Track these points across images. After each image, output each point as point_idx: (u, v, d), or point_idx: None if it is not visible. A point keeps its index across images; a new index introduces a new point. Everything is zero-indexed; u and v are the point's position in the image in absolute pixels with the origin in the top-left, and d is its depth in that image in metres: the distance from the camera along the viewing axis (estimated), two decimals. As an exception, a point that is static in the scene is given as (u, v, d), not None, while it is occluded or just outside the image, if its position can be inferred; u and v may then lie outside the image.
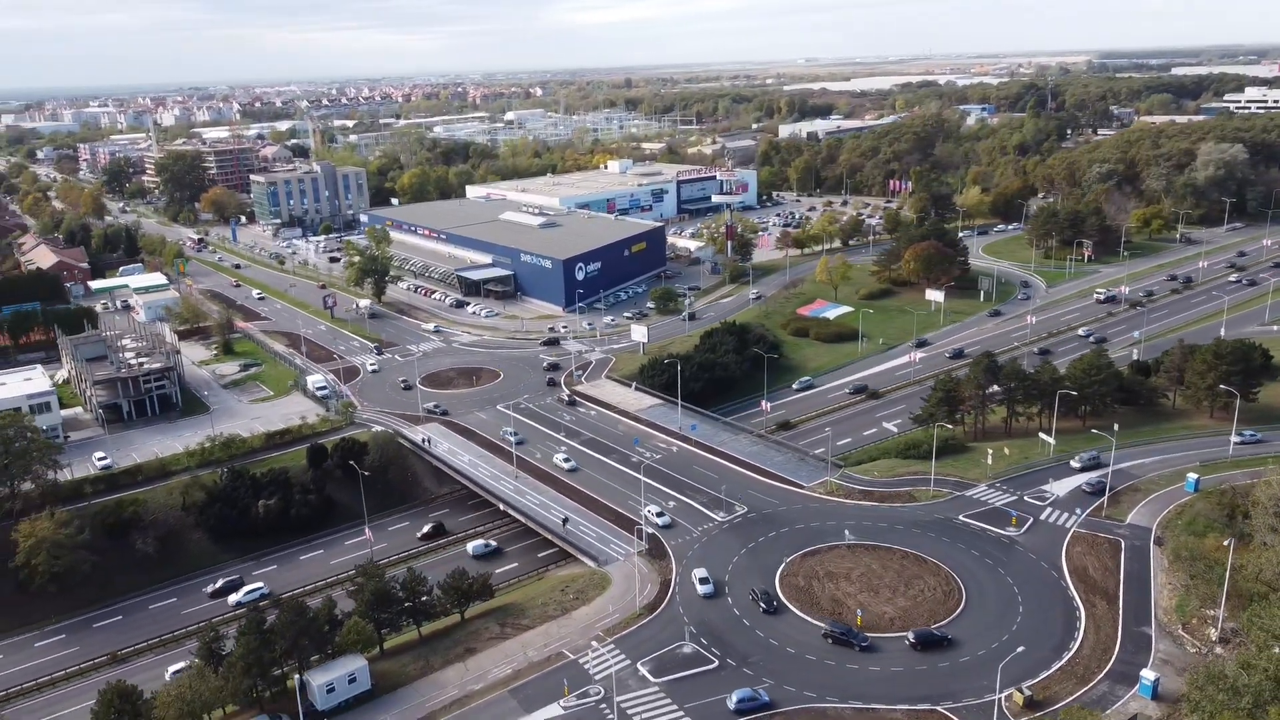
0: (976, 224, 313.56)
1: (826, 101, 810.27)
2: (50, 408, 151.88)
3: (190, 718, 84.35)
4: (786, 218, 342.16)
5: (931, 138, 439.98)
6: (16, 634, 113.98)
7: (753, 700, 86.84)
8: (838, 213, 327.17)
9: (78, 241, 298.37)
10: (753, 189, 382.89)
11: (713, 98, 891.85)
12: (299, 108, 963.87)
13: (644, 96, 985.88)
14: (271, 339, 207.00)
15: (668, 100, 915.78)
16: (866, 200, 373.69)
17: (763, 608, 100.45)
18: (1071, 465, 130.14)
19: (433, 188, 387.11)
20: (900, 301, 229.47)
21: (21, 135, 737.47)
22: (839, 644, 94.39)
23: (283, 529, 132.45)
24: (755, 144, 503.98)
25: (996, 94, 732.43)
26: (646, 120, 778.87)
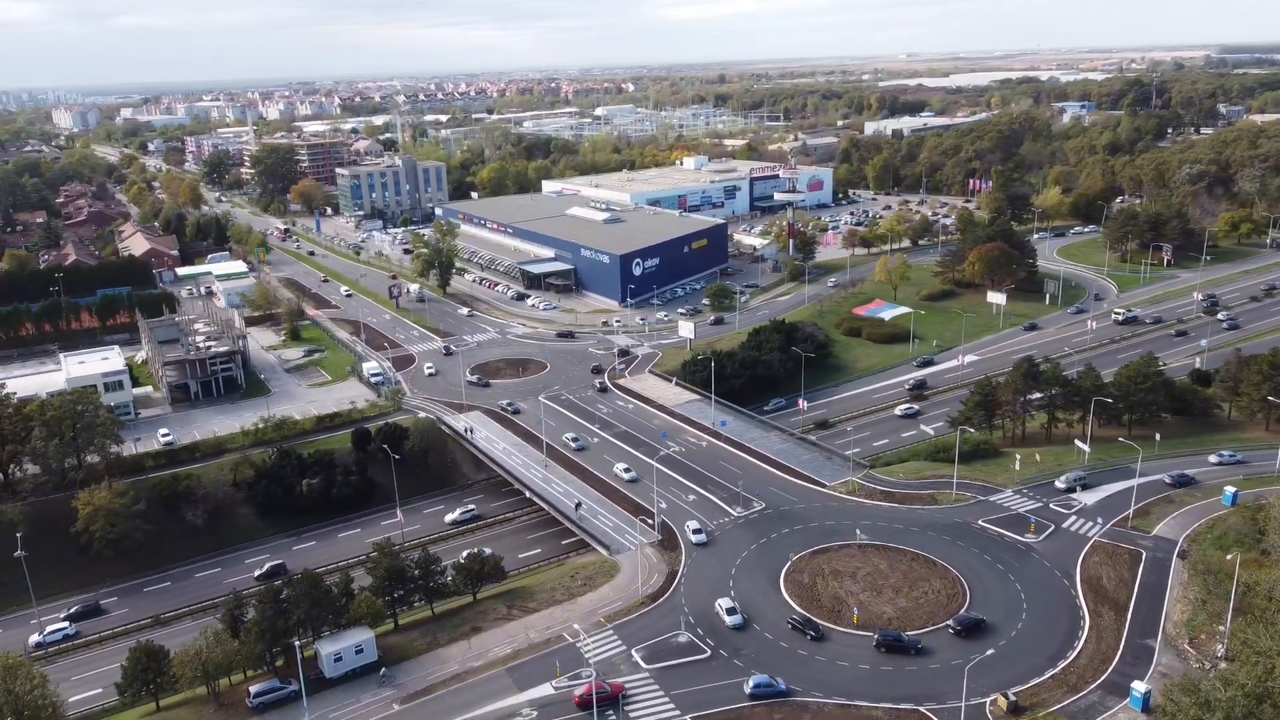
0: (1054, 225, 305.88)
1: (919, 98, 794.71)
2: (123, 386, 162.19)
3: (206, 678, 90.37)
4: (860, 216, 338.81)
5: (1018, 136, 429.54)
6: (76, 594, 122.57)
7: (769, 686, 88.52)
8: (909, 212, 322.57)
9: (173, 230, 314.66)
10: (828, 187, 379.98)
11: (802, 94, 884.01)
12: (395, 102, 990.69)
13: (733, 92, 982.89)
14: (337, 326, 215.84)
15: (757, 96, 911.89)
16: (945, 200, 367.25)
17: (810, 636, 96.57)
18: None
19: (511, 182, 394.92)
20: (962, 303, 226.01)
21: (137, 128, 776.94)
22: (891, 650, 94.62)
23: (324, 507, 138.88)
24: (837, 141, 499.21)
25: (1098, 90, 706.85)
26: (733, 116, 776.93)
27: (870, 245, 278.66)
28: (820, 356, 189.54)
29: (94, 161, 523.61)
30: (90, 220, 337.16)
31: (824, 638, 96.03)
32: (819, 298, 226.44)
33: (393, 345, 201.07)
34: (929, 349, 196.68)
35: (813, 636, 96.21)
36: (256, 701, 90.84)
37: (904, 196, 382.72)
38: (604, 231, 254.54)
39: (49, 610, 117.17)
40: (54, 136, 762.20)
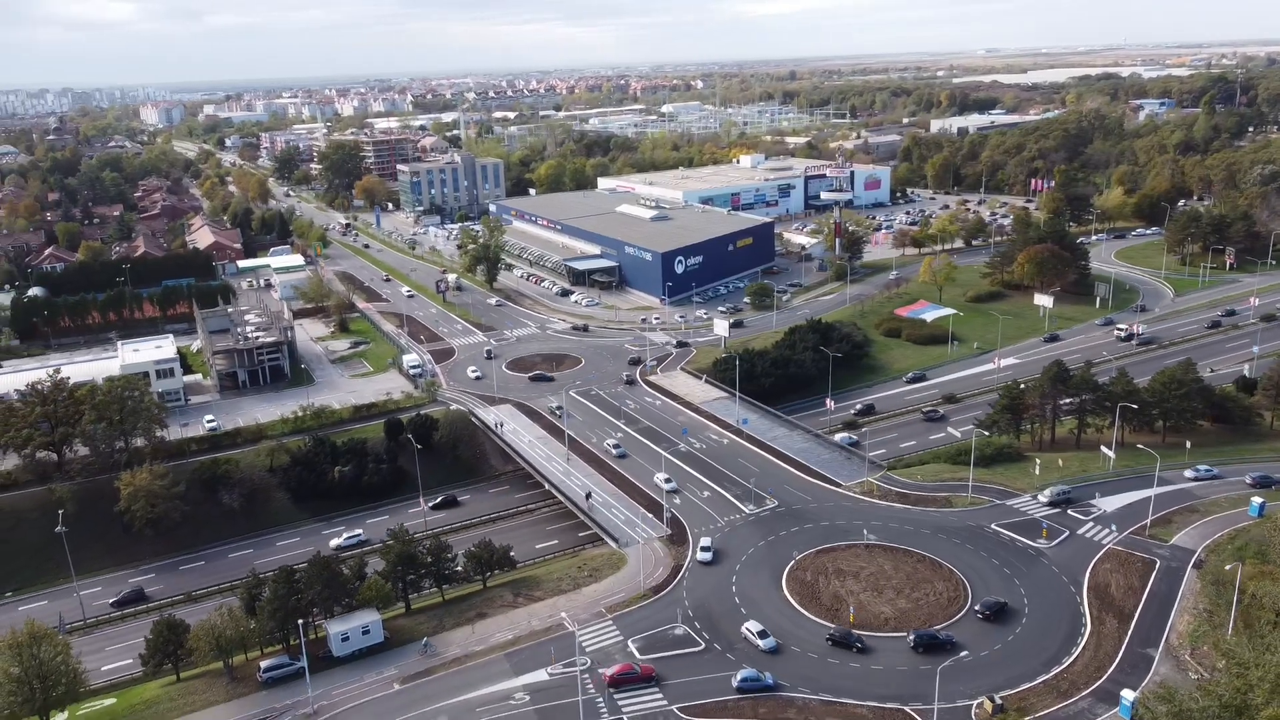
0: (1115, 227, 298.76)
1: (991, 95, 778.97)
2: (173, 373, 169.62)
3: (219, 652, 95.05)
4: (916, 215, 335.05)
5: (1086, 134, 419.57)
6: (118, 570, 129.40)
7: (756, 681, 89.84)
8: (964, 211, 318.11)
9: (240, 224, 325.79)
10: (885, 186, 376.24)
11: (871, 91, 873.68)
12: (466, 99, 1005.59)
13: (802, 89, 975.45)
14: (385, 319, 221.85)
15: (825, 93, 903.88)
16: (1005, 200, 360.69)
17: (858, 648, 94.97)
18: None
19: (569, 179, 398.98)
20: (1009, 305, 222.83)
21: (216, 124, 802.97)
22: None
23: (355, 494, 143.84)
24: (900, 140, 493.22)
25: (1180, 87, 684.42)
26: (798, 114, 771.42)
27: (921, 245, 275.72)
28: (856, 357, 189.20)
29: (173, 157, 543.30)
30: (163, 214, 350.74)
31: (868, 649, 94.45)
32: (862, 298, 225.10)
33: (435, 338, 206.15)
34: (969, 351, 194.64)
35: (859, 648, 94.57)
36: (266, 676, 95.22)
37: (963, 196, 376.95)
38: (650, 229, 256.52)
39: (87, 585, 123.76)
40: (139, 132, 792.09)
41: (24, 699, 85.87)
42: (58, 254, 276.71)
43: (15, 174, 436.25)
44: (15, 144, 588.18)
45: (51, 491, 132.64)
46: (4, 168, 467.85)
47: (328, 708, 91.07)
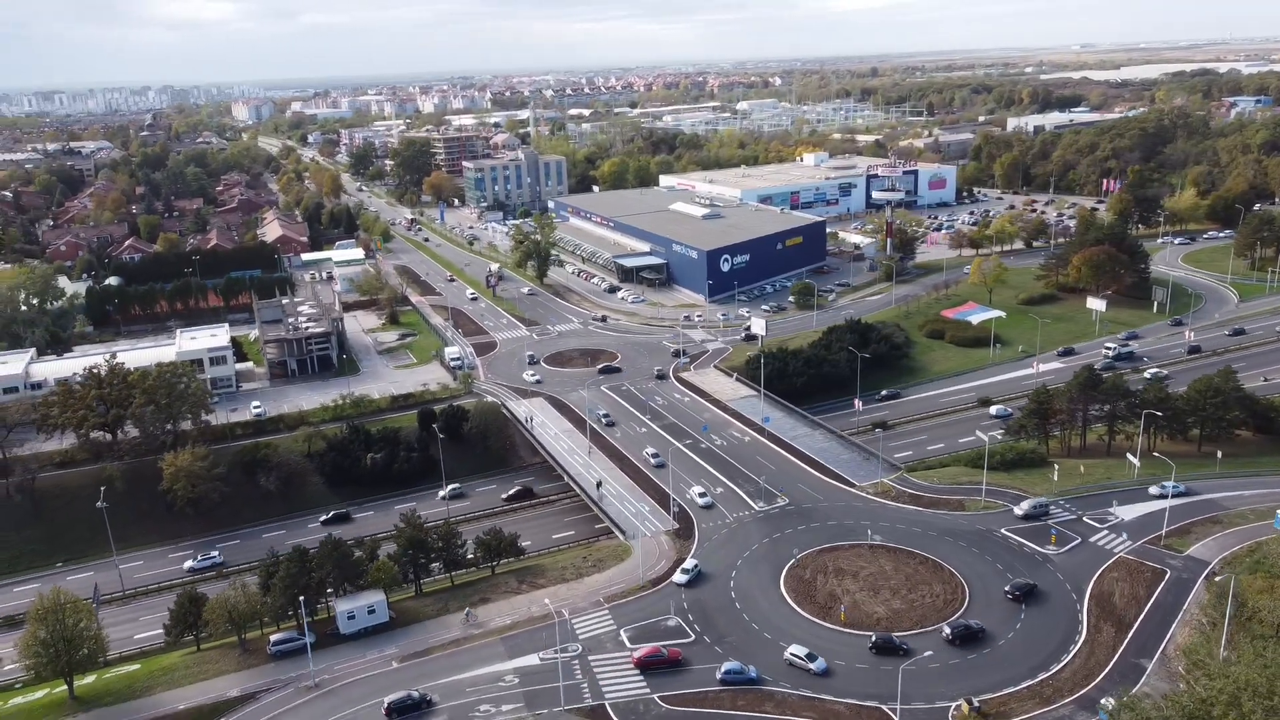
0: (1185, 229, 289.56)
1: (1076, 92, 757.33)
2: (226, 360, 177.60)
3: (233, 625, 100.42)
4: (981, 216, 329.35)
5: (1166, 133, 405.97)
6: (159, 546, 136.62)
7: (739, 674, 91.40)
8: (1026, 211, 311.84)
9: (310, 218, 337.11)
10: (951, 185, 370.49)
11: (951, 88, 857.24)
12: (544, 98, 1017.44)
13: (881, 87, 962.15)
14: (435, 312, 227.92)
15: (905, 90, 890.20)
16: (1075, 200, 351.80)
17: (903, 651, 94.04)
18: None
19: (632, 177, 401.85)
20: (1061, 308, 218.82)
21: (300, 121, 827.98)
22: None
23: (387, 480, 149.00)
24: (973, 138, 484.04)
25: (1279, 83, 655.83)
26: (873, 112, 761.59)
27: (979, 246, 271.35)
28: (895, 358, 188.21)
29: (255, 153, 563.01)
30: (239, 208, 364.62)
31: (912, 651, 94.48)
32: (908, 298, 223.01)
33: (480, 331, 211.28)
34: (1013, 354, 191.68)
35: (904, 651, 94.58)
36: (275, 650, 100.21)
37: (1032, 196, 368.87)
38: (700, 227, 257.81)
39: (130, 559, 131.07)
40: (229, 129, 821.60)
41: (49, 660, 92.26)
42: (136, 245, 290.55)
43: (108, 168, 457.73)
44: (112, 139, 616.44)
45: (104, 470, 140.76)
46: (99, 162, 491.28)
47: (329, 681, 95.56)
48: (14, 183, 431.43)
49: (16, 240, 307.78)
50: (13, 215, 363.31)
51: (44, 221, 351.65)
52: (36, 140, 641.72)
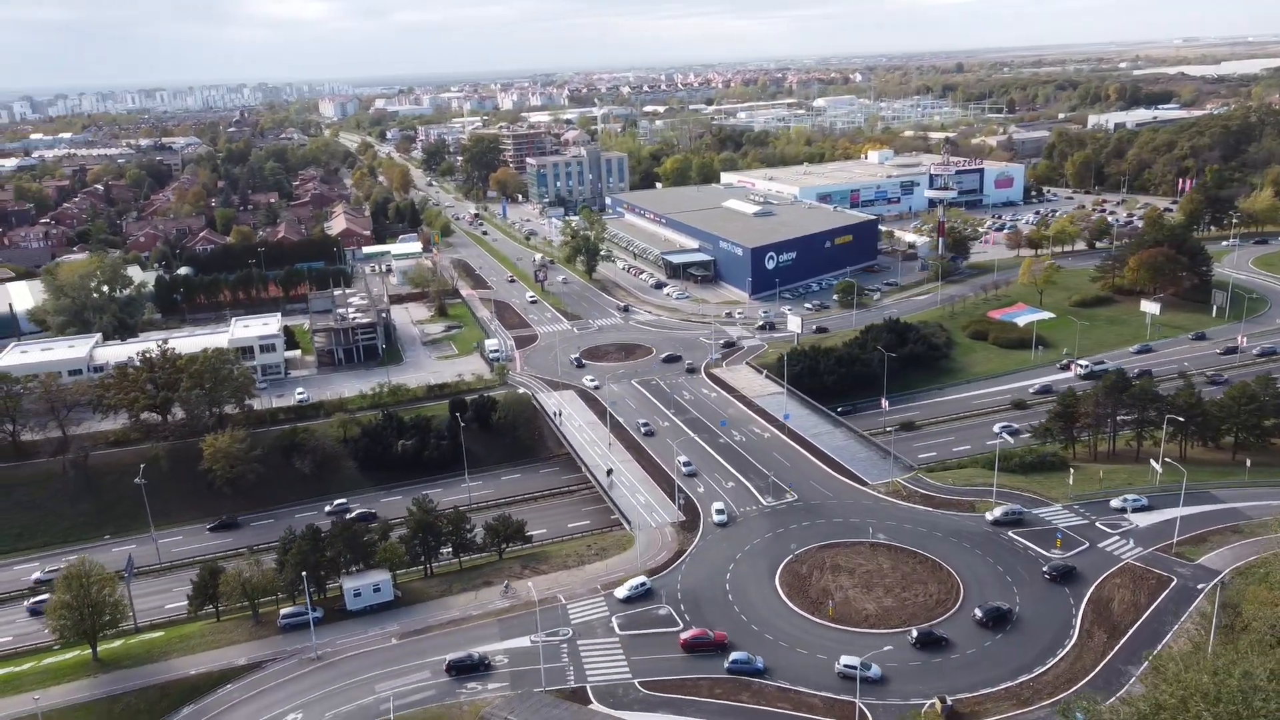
0: (1261, 231, 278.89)
1: (1168, 88, 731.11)
2: (275, 348, 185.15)
3: (245, 597, 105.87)
4: (1048, 215, 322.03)
5: (1250, 131, 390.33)
6: (199, 522, 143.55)
7: (746, 664, 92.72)
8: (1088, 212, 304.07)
9: (377, 212, 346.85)
10: (1019, 184, 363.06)
11: (1036, 84, 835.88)
12: (621, 94, 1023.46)
13: (964, 83, 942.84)
14: (484, 305, 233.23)
15: (988, 87, 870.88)
16: (1148, 200, 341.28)
17: (945, 643, 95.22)
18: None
19: (695, 174, 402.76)
20: (1115, 311, 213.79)
21: (381, 118, 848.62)
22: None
23: (416, 466, 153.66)
24: (1048, 136, 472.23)
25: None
26: (952, 108, 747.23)
27: (1038, 246, 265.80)
28: (933, 358, 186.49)
29: (334, 148, 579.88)
30: (311, 202, 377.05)
31: (953, 644, 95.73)
32: (956, 298, 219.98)
33: (523, 324, 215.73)
34: (1057, 356, 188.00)
35: (946, 642, 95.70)
36: (284, 623, 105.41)
37: (1103, 196, 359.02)
38: (750, 224, 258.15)
39: (170, 534, 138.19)
40: (313, 125, 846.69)
41: (73, 623, 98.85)
42: (210, 237, 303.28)
43: (194, 163, 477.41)
44: (201, 136, 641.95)
45: (150, 449, 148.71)
46: (186, 157, 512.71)
47: (330, 654, 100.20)
48: (107, 177, 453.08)
49: (102, 231, 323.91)
50: (102, 208, 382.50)
51: (130, 214, 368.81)
52: (133, 136, 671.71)
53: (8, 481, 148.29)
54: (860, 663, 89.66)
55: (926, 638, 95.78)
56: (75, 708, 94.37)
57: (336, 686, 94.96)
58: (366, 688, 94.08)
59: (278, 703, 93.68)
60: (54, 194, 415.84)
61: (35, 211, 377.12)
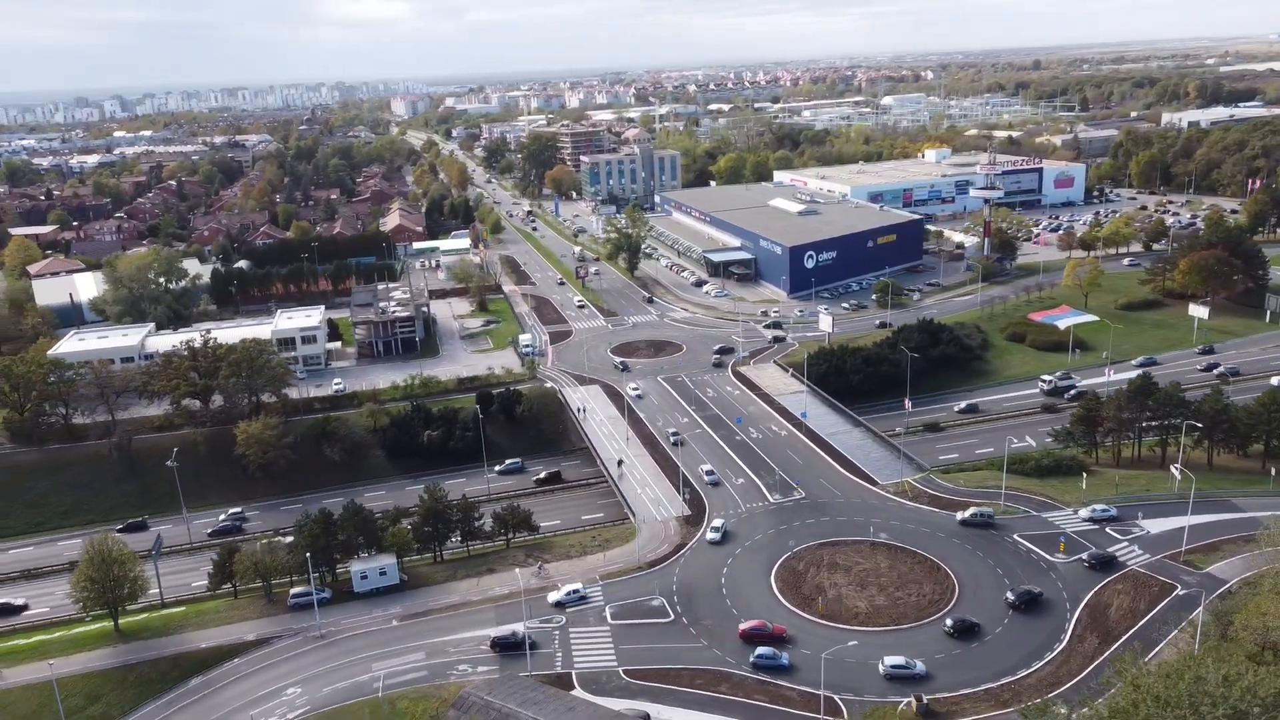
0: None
1: (1253, 85, 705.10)
2: (316, 339, 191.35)
3: (257, 576, 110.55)
4: (1108, 216, 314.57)
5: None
6: (231, 505, 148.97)
7: (772, 659, 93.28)
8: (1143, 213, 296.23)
9: (433, 209, 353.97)
10: (1079, 184, 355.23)
11: (1112, 81, 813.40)
12: (687, 92, 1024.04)
13: (1039, 80, 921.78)
14: (524, 300, 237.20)
15: (1063, 84, 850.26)
16: (1214, 201, 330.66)
17: (976, 629, 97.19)
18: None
19: (749, 173, 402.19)
20: (1162, 315, 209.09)
21: (449, 116, 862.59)
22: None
23: (442, 456, 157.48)
24: (1116, 135, 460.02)
25: None
26: (1023, 106, 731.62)
27: (1090, 248, 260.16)
28: (965, 360, 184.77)
29: (399, 146, 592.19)
30: (371, 198, 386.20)
31: (985, 630, 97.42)
32: (998, 300, 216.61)
33: (560, 320, 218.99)
34: (1096, 360, 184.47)
35: (978, 628, 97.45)
36: (293, 602, 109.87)
37: (1168, 196, 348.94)
38: (793, 223, 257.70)
39: (204, 515, 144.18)
40: (384, 123, 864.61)
41: (95, 595, 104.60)
42: (269, 231, 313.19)
43: (263, 160, 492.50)
44: (273, 134, 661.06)
45: (190, 434, 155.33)
46: (256, 154, 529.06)
47: (334, 633, 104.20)
48: (181, 173, 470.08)
49: (170, 226, 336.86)
50: (173, 203, 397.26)
51: (200, 209, 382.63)
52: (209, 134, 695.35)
53: (58, 462, 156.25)
54: (903, 661, 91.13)
55: (961, 625, 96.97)
56: (92, 674, 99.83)
57: (336, 664, 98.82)
58: (364, 666, 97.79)
59: (279, 677, 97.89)
60: (130, 189, 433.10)
61: (111, 206, 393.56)
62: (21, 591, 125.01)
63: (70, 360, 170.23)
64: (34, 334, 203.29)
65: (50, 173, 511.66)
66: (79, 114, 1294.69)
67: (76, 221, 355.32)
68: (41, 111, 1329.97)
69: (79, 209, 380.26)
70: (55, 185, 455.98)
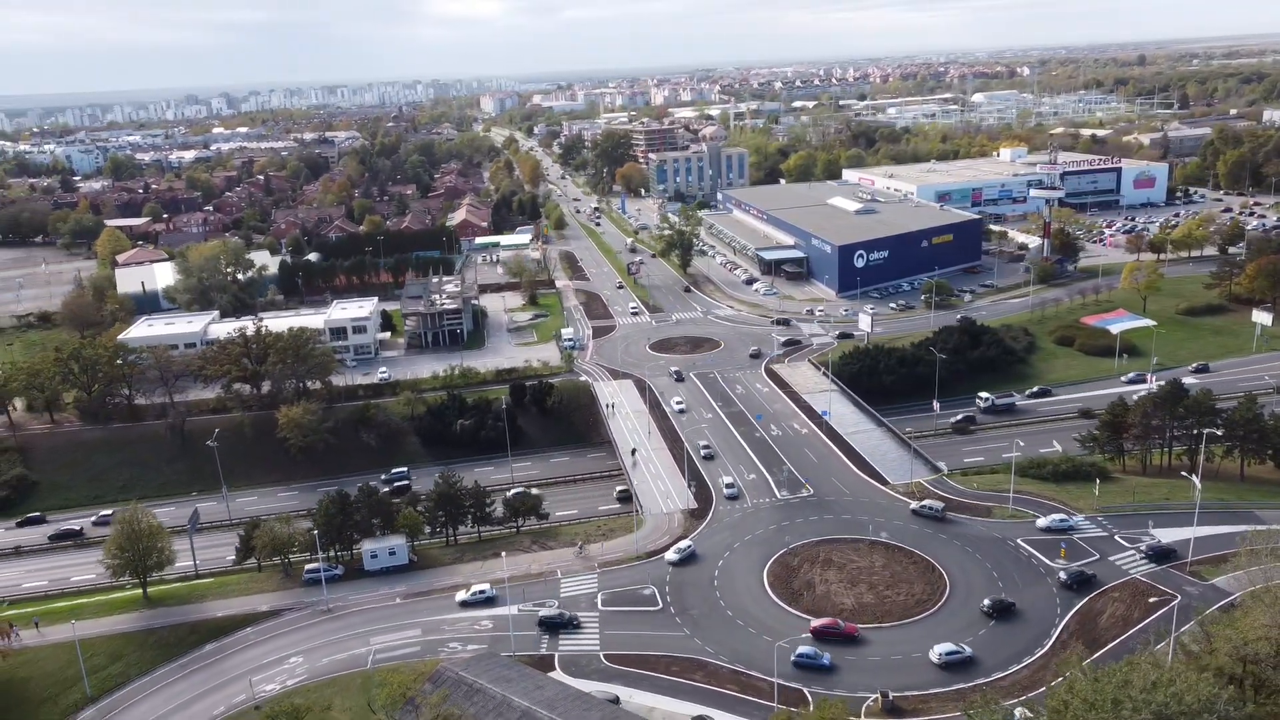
0: None
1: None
2: (366, 329, 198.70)
3: (274, 552, 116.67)
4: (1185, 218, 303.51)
5: None
6: (274, 486, 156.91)
7: (813, 659, 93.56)
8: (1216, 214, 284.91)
9: (503, 205, 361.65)
10: (1161, 184, 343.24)
11: (1217, 77, 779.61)
12: (773, 89, 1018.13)
13: (1138, 76, 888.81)
14: (575, 295, 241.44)
15: (1164, 80, 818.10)
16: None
17: (1013, 604, 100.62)
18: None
19: (820, 171, 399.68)
20: (1224, 321, 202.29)
21: (533, 113, 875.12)
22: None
23: (473, 445, 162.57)
24: (1209, 133, 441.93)
25: None
26: (1118, 103, 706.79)
27: (1160, 251, 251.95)
28: (1007, 363, 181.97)
29: (479, 143, 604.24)
30: (445, 194, 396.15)
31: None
32: (1052, 302, 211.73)
33: (606, 315, 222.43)
34: (1143, 366, 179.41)
35: (1014, 605, 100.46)
36: (306, 576, 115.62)
37: (1257, 198, 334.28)
38: (848, 222, 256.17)
39: (245, 494, 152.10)
40: (471, 120, 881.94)
41: (124, 563, 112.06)
42: (342, 225, 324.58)
43: (346, 156, 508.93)
44: (361, 130, 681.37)
45: (237, 417, 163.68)
46: (341, 150, 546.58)
47: (340, 608, 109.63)
48: (270, 168, 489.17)
49: (253, 219, 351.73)
50: (259, 196, 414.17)
51: (284, 203, 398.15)
52: (302, 130, 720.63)
53: (119, 440, 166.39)
54: (954, 646, 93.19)
55: (998, 606, 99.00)
56: (117, 636, 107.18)
57: (338, 636, 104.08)
58: (363, 640, 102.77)
59: (286, 646, 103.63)
60: (221, 184, 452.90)
61: (201, 199, 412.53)
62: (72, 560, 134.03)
63: (135, 345, 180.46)
64: (112, 319, 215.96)
65: (151, 168, 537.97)
66: (188, 111, 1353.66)
67: (167, 214, 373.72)
68: (154, 109, 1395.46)
69: (171, 202, 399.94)
70: (154, 179, 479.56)
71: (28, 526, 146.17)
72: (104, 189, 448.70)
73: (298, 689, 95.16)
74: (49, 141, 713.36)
